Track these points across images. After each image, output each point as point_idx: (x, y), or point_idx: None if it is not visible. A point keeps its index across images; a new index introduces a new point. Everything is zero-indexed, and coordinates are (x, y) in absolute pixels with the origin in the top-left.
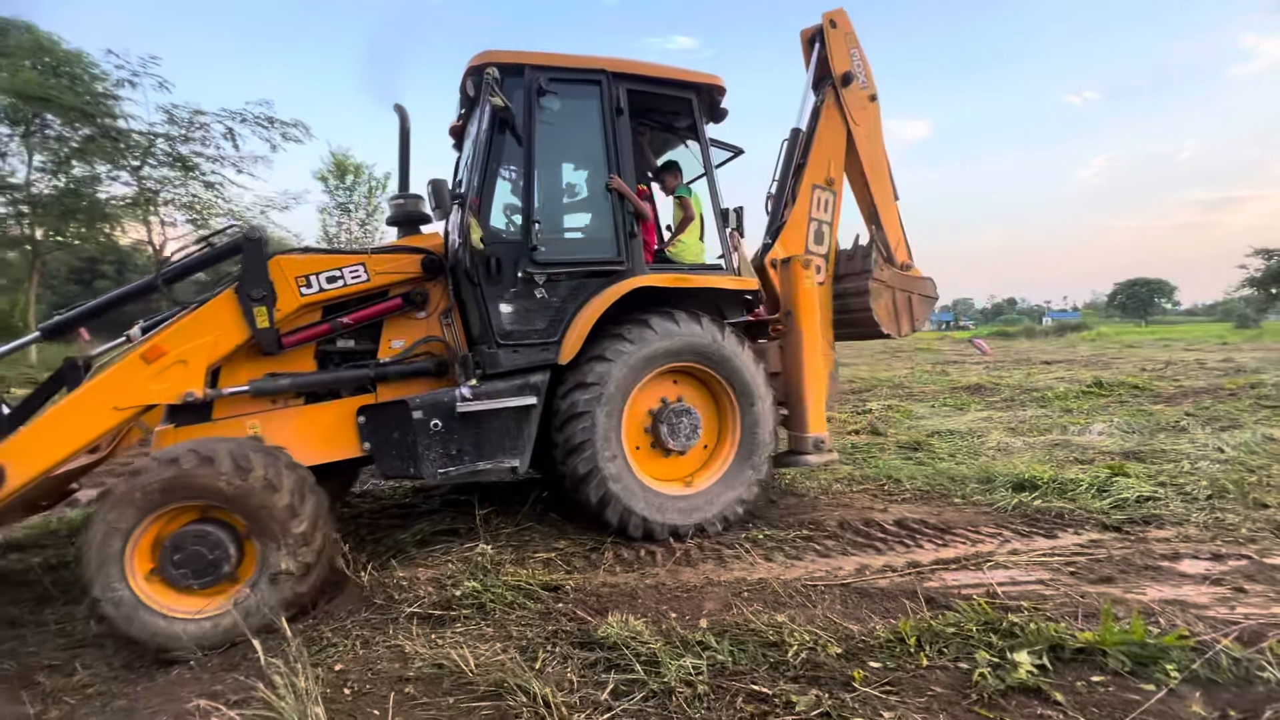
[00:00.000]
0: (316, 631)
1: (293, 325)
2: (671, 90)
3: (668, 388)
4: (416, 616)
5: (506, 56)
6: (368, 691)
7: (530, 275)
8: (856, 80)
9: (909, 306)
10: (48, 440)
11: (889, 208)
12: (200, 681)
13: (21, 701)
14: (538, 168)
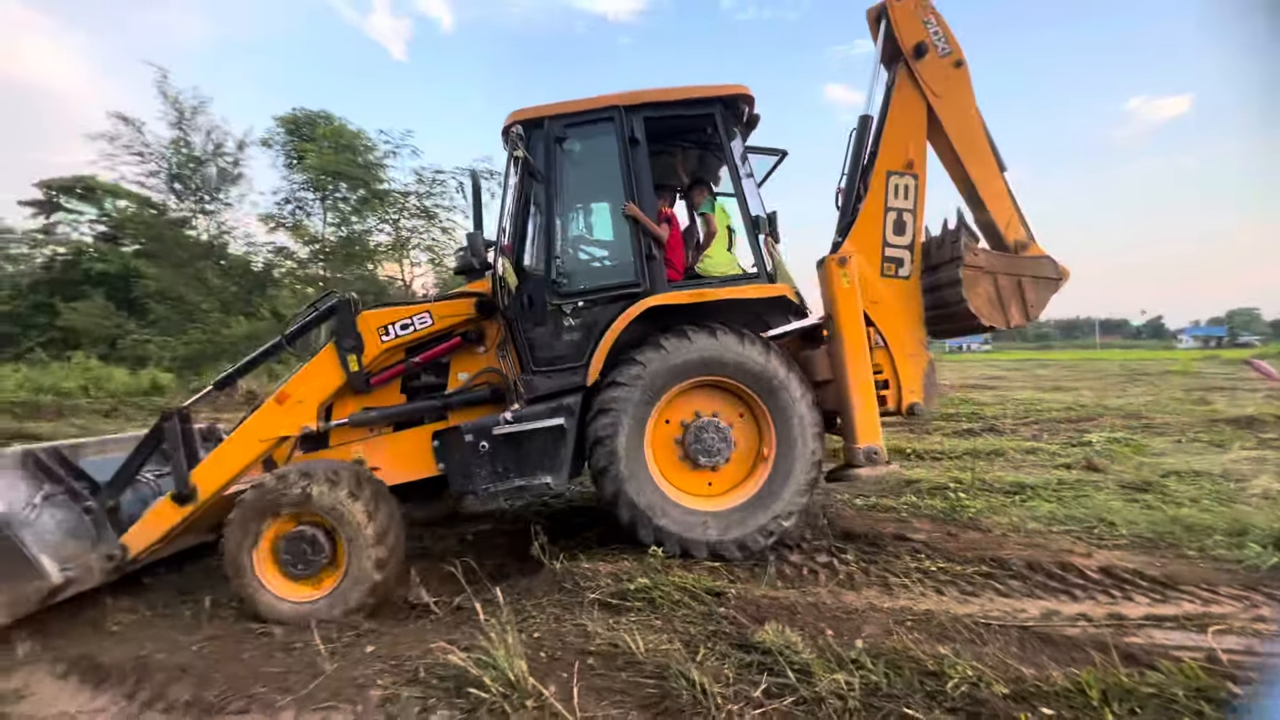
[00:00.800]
0: (520, 605)
1: (379, 366)
2: (690, 110)
3: (702, 402)
4: (597, 603)
5: (529, 113)
6: (558, 658)
7: (557, 306)
8: (934, 49)
9: (1018, 292)
10: (219, 466)
11: (991, 182)
12: (439, 630)
13: (318, 638)
14: (562, 207)
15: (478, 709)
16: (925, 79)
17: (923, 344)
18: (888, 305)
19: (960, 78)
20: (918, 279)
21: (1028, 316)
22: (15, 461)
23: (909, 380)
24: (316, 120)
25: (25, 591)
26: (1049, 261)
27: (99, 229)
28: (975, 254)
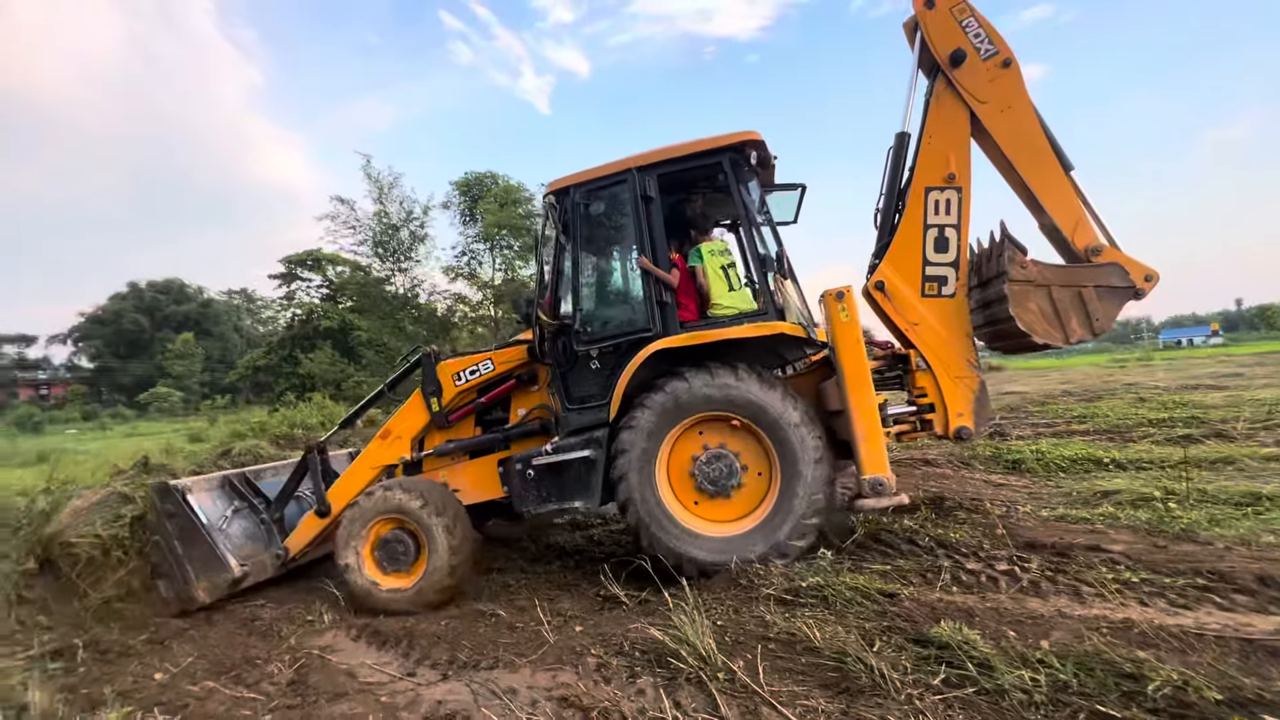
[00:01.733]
0: (701, 598)
1: (455, 406)
2: (699, 161)
3: (712, 436)
4: (771, 598)
5: (559, 183)
6: (740, 642)
7: (584, 351)
8: (975, 54)
9: (1079, 305)
10: (345, 488)
11: (1053, 185)
12: (631, 616)
13: (538, 619)
14: (587, 263)
15: (677, 677)
16: (966, 86)
17: (971, 365)
18: (930, 326)
19: (1008, 78)
20: (964, 297)
21: (1093, 331)
22: (216, 484)
23: (956, 403)
24: (484, 180)
25: (218, 581)
26: (1116, 268)
27: (324, 292)
28: (1023, 266)
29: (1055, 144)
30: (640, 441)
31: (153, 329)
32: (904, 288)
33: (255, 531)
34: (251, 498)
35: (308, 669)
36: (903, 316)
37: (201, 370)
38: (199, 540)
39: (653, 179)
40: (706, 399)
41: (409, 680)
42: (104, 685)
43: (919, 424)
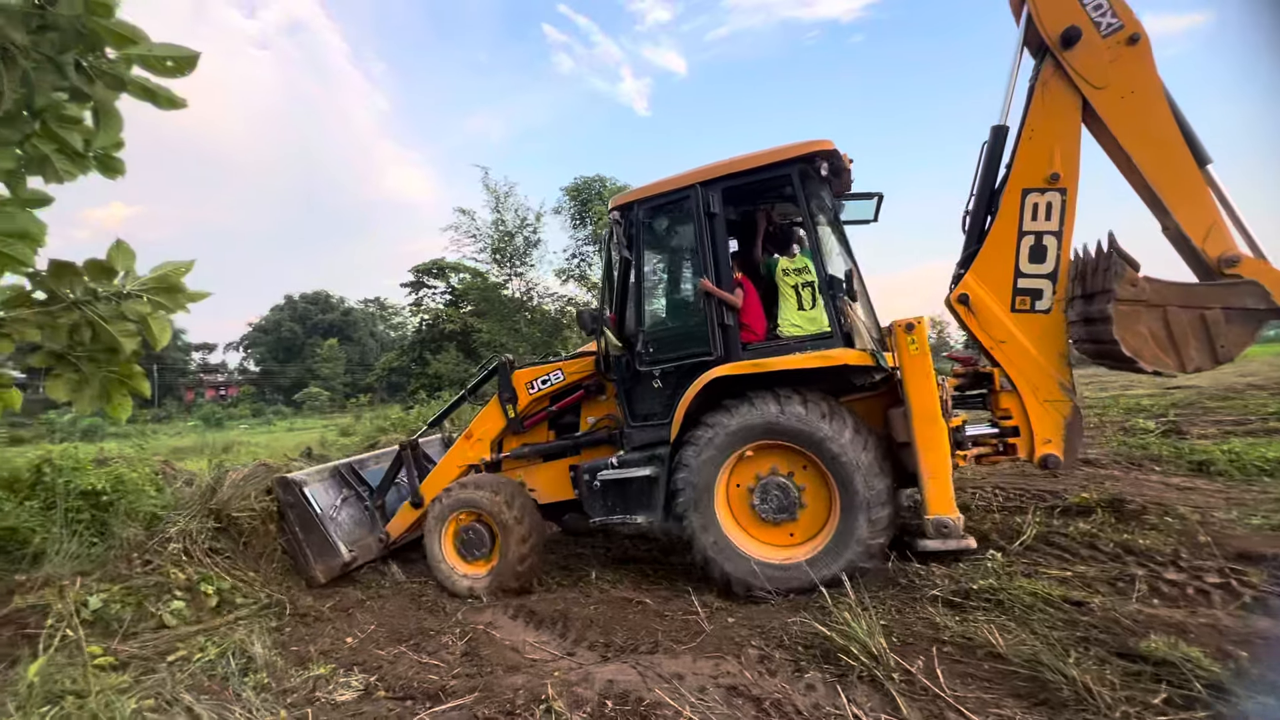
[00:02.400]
0: (859, 595)
1: (529, 412)
2: (767, 173)
3: (775, 460)
4: (938, 599)
5: (623, 199)
6: (910, 643)
7: (647, 371)
8: (1093, 30)
9: (1202, 329)
10: (435, 482)
11: (1183, 184)
12: (781, 612)
13: (687, 608)
14: (650, 281)
15: (848, 674)
16: (1080, 70)
17: (1064, 388)
18: (1018, 344)
19: (1134, 57)
20: (1060, 313)
21: (1216, 359)
22: (327, 475)
23: (1044, 429)
24: (592, 184)
25: (332, 564)
26: (1253, 287)
27: (447, 297)
28: (1133, 284)
29: (1190, 133)
30: (700, 464)
31: (304, 336)
32: (991, 301)
33: (361, 518)
34: (357, 486)
35: (477, 642)
36: (987, 333)
37: (344, 372)
38: (314, 528)
39: (717, 194)
40: (766, 426)
41: (571, 659)
42: (309, 644)
43: (1001, 447)
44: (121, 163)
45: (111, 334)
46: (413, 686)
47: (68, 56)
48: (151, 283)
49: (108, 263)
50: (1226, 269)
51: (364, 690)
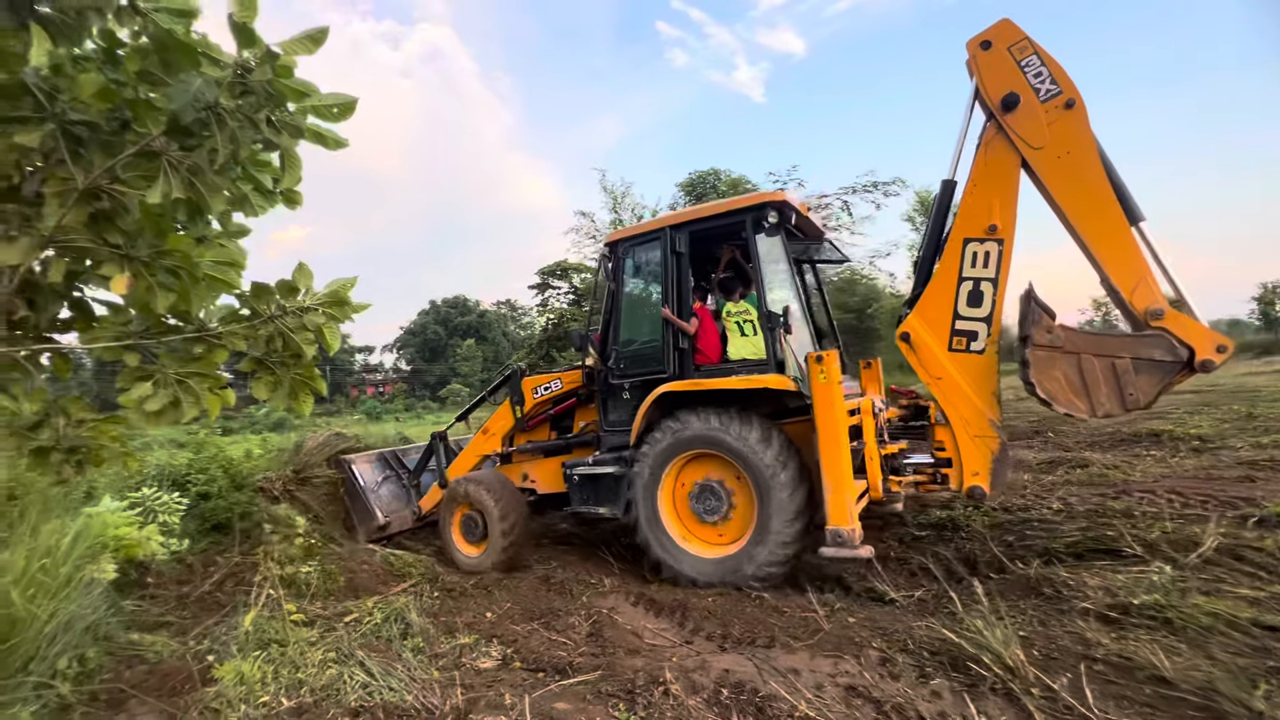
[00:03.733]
0: (994, 603)
1: (534, 414)
2: (725, 220)
3: (710, 469)
4: (1090, 613)
5: (611, 237)
6: (1055, 658)
7: (618, 383)
8: (1032, 95)
9: (1112, 377)
10: (458, 469)
11: (1110, 239)
12: (905, 615)
13: (805, 605)
14: (627, 307)
15: (979, 685)
16: (1019, 132)
17: (994, 424)
18: (953, 382)
19: (1071, 120)
20: (994, 354)
21: (1124, 406)
22: (375, 457)
23: (972, 462)
24: (707, 178)
25: (370, 527)
26: (1161, 339)
27: (570, 297)
28: (1049, 331)
29: (1122, 191)
30: (645, 469)
31: (446, 337)
32: (931, 340)
33: (399, 494)
34: (398, 469)
35: (600, 624)
36: (926, 369)
37: (481, 370)
38: (359, 497)
39: (684, 236)
40: (697, 437)
41: (688, 647)
42: (455, 616)
43: (937, 476)
44: (300, 195)
45: (297, 342)
46: (544, 660)
47: (262, 114)
48: (325, 297)
49: (293, 282)
50: (1152, 321)
51: (502, 660)
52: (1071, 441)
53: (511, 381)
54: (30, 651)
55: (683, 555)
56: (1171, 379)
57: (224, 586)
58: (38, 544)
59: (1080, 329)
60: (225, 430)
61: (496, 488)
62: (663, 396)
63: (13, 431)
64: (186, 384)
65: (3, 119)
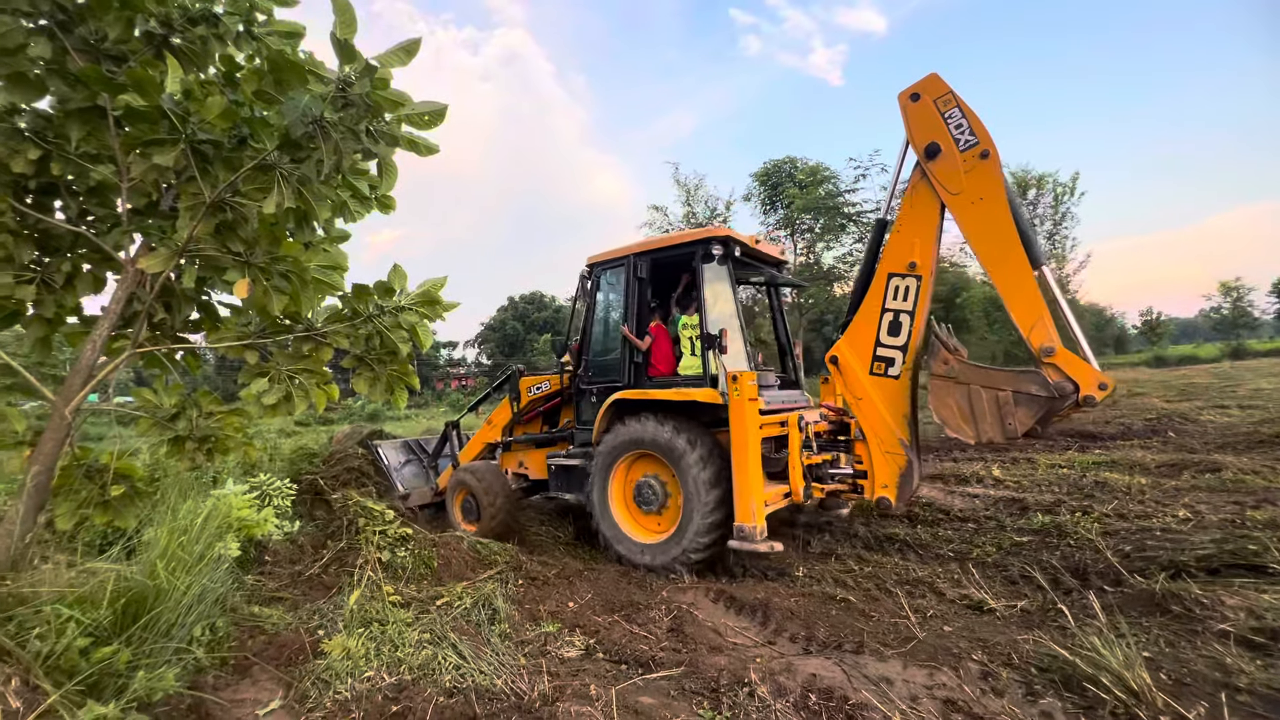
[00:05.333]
0: (1112, 619)
1: (528, 410)
2: (677, 250)
3: (650, 467)
4: (1230, 636)
5: (591, 259)
6: (1185, 683)
7: (587, 389)
8: (952, 145)
9: (995, 407)
10: (467, 454)
11: (1016, 282)
12: (1009, 627)
13: (895, 610)
14: (598, 323)
15: (1097, 708)
16: (939, 177)
17: (903, 444)
18: (871, 403)
19: (985, 169)
20: (909, 380)
21: (1005, 434)
22: (400, 444)
23: (882, 475)
24: (782, 166)
25: (392, 497)
26: (1036, 377)
27: None
28: (945, 363)
29: (1027, 238)
30: (598, 463)
31: (524, 332)
32: (855, 364)
33: (420, 473)
34: (419, 454)
35: (681, 620)
36: (850, 390)
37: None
38: (383, 474)
39: (645, 262)
40: (640, 439)
41: (771, 648)
42: (539, 604)
43: (856, 486)
44: (394, 200)
45: (393, 340)
46: (626, 653)
47: (362, 125)
48: (418, 297)
49: (389, 283)
50: (1045, 358)
51: (585, 650)
52: (1198, 442)
53: (511, 380)
54: (171, 619)
55: (624, 538)
56: (1050, 412)
57: (329, 570)
58: (176, 523)
59: (973, 363)
60: (325, 422)
61: (487, 478)
62: (616, 402)
63: (155, 422)
64: (297, 379)
65: (145, 142)
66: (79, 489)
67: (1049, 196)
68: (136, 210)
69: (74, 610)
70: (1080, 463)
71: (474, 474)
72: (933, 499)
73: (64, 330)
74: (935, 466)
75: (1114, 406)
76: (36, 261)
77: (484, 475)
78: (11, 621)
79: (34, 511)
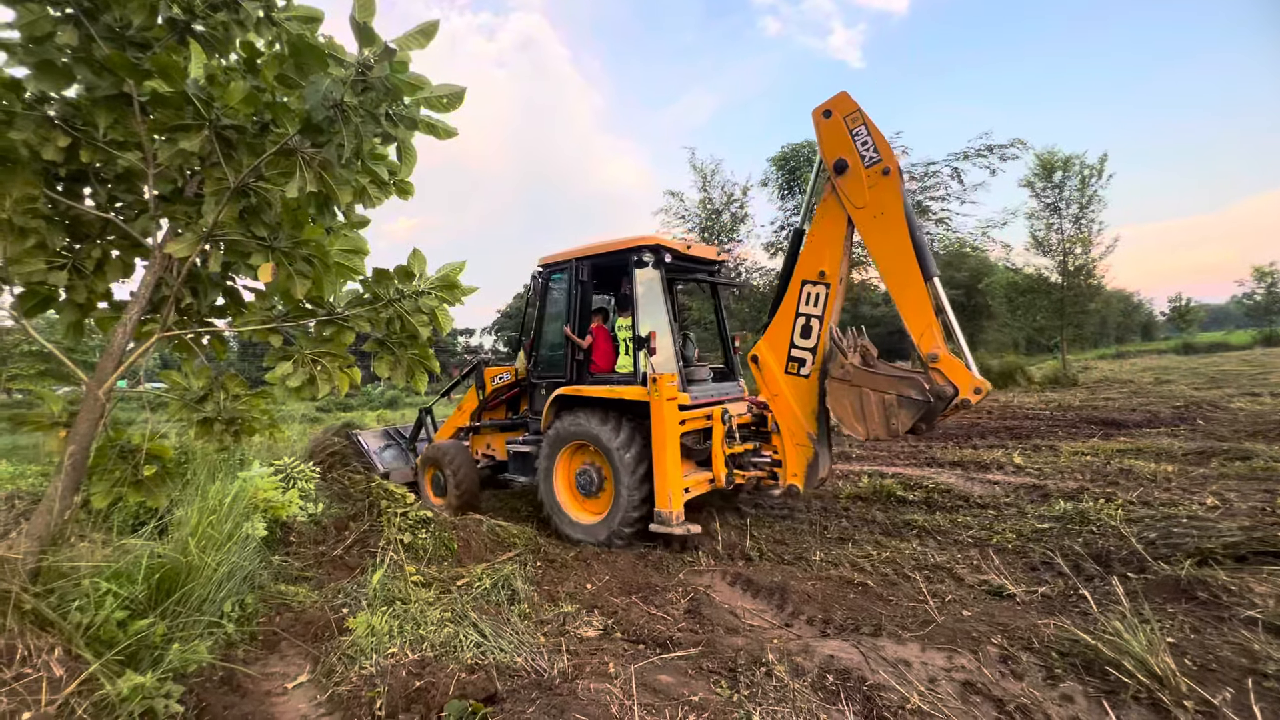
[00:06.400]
0: (1136, 604)
1: (492, 397)
2: (613, 258)
3: (589, 456)
4: (1258, 623)
5: (542, 260)
6: (1212, 669)
7: (538, 382)
8: (858, 161)
9: (882, 408)
10: (440, 436)
11: (907, 290)
12: (1029, 612)
13: (913, 594)
14: (546, 321)
15: (1119, 692)
16: (845, 192)
17: (811, 437)
18: (785, 399)
19: (886, 186)
20: (817, 379)
21: (889, 433)
22: (380, 433)
23: (792, 465)
24: (800, 150)
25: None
26: (913, 382)
27: None
28: (842, 367)
29: (922, 251)
30: (544, 450)
31: None
32: (773, 363)
33: (400, 456)
34: (398, 440)
35: (698, 602)
36: (768, 387)
37: None
38: (364, 457)
39: (586, 266)
40: (578, 431)
41: (788, 630)
42: (557, 585)
43: (773, 473)
44: (412, 185)
45: (413, 324)
46: (644, 633)
47: (381, 108)
48: (437, 281)
49: (409, 267)
50: (930, 364)
51: (603, 630)
52: (1228, 430)
53: (477, 370)
54: (202, 594)
55: (565, 518)
56: (930, 412)
57: (352, 550)
58: (206, 503)
59: (865, 368)
60: (345, 407)
61: (454, 457)
62: (559, 397)
63: (184, 404)
64: (320, 363)
65: (171, 127)
66: (113, 469)
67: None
68: (163, 196)
69: (111, 584)
70: (1104, 450)
71: (443, 452)
72: (951, 485)
73: (95, 315)
74: (954, 453)
75: (1140, 394)
76: (67, 248)
77: (451, 454)
78: (53, 594)
79: (71, 490)
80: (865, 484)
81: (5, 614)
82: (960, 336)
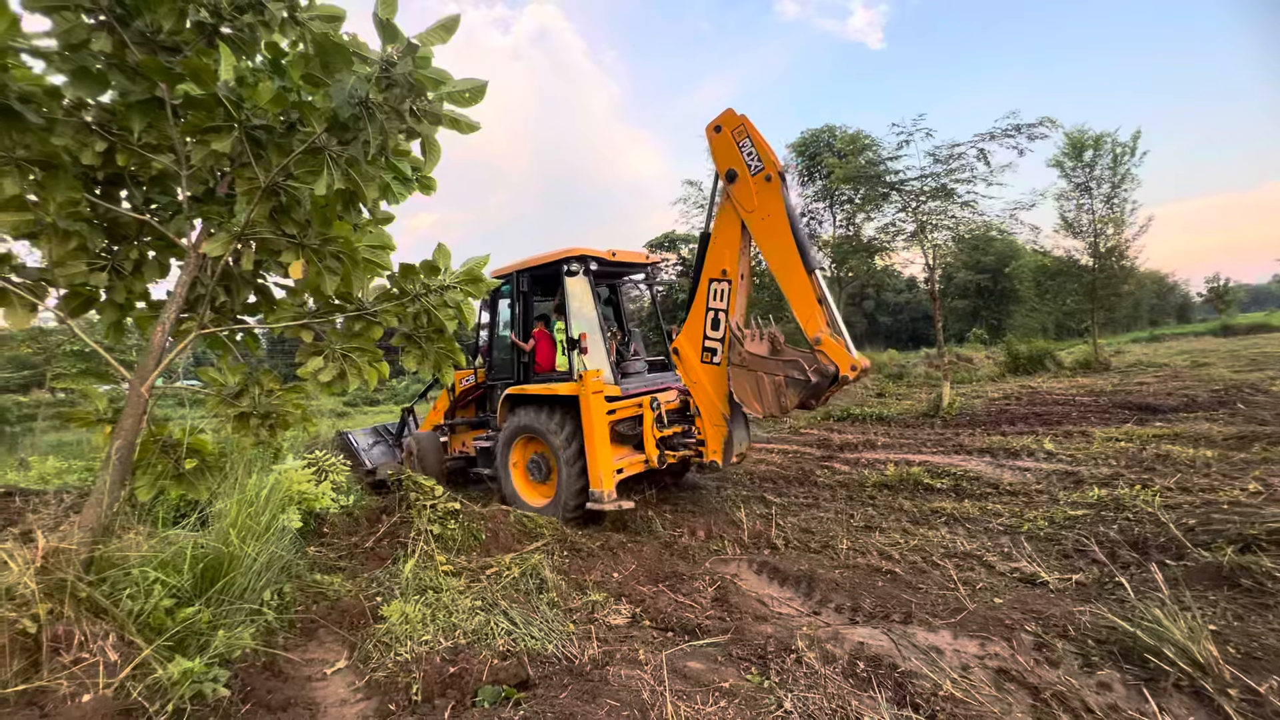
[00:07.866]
0: (1176, 592)
1: (462, 398)
2: (548, 267)
3: (538, 446)
4: None
5: (495, 271)
6: (1255, 657)
7: (494, 383)
8: (746, 171)
9: (772, 389)
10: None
11: (793, 281)
12: (1064, 599)
13: (942, 582)
14: (499, 328)
15: (1159, 680)
16: (736, 198)
17: (725, 418)
18: (702, 385)
19: (769, 190)
20: (726, 366)
21: (780, 410)
22: (370, 431)
23: (712, 444)
24: (821, 136)
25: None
26: (795, 364)
27: (679, 269)
28: (739, 354)
29: (803, 247)
30: (500, 444)
31: None
32: (690, 354)
33: (387, 452)
34: (386, 436)
35: (725, 590)
36: (688, 375)
37: None
38: (354, 454)
39: (526, 277)
40: (524, 425)
41: (816, 618)
42: (584, 574)
43: (699, 452)
44: (435, 181)
45: (439, 318)
46: (672, 621)
47: (405, 104)
48: (462, 275)
49: (434, 262)
50: (815, 346)
51: (632, 618)
52: (1270, 414)
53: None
54: (244, 584)
55: (520, 502)
56: (815, 390)
57: (383, 541)
58: (244, 496)
59: (756, 354)
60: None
61: (424, 446)
62: (509, 396)
63: (221, 400)
64: (350, 357)
65: (203, 129)
66: (156, 463)
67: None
68: (195, 197)
69: (159, 573)
70: (1139, 435)
71: (417, 442)
72: (980, 472)
73: (134, 315)
74: (982, 440)
75: (1176, 378)
76: (106, 250)
77: (423, 444)
78: (105, 583)
79: (119, 484)
80: (891, 473)
81: (63, 602)
82: (840, 321)
